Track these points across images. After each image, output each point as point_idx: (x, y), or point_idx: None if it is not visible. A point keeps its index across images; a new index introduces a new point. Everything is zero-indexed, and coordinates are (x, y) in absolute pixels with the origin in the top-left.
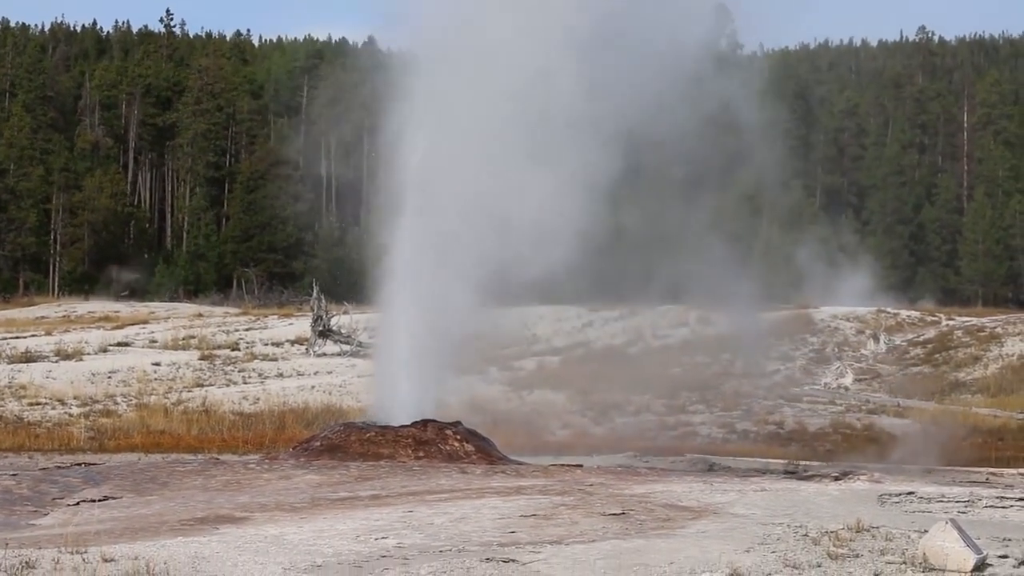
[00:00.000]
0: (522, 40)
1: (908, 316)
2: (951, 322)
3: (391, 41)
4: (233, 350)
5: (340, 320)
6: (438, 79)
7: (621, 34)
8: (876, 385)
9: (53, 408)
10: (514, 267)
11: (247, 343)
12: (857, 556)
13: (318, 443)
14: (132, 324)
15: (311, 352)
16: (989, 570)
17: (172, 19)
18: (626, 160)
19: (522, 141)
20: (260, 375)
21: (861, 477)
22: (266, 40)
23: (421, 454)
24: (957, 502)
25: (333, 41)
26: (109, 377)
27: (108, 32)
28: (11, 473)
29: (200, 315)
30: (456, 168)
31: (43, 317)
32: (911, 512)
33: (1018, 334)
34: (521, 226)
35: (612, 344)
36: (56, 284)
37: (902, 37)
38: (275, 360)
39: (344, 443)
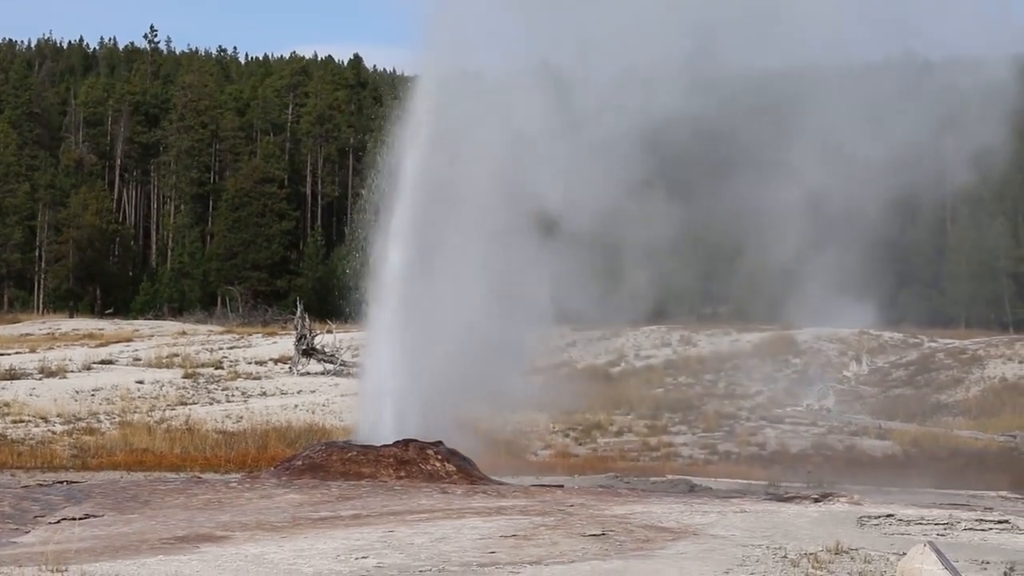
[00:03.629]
0: None
1: (891, 338)
2: (933, 344)
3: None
4: (217, 368)
5: (324, 339)
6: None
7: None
8: (858, 407)
9: (36, 426)
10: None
11: (231, 361)
12: None
13: (300, 462)
14: (116, 342)
15: (294, 371)
16: None
17: (157, 36)
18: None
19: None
20: (243, 394)
21: (841, 499)
22: (252, 57)
23: (402, 474)
24: (936, 524)
25: (319, 59)
26: (93, 395)
27: (95, 49)
28: None
29: (184, 333)
30: (448, 190)
31: (27, 334)
32: (890, 534)
33: (1000, 356)
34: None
35: (595, 364)
36: (41, 301)
37: (887, 59)
38: (258, 379)
39: (326, 462)
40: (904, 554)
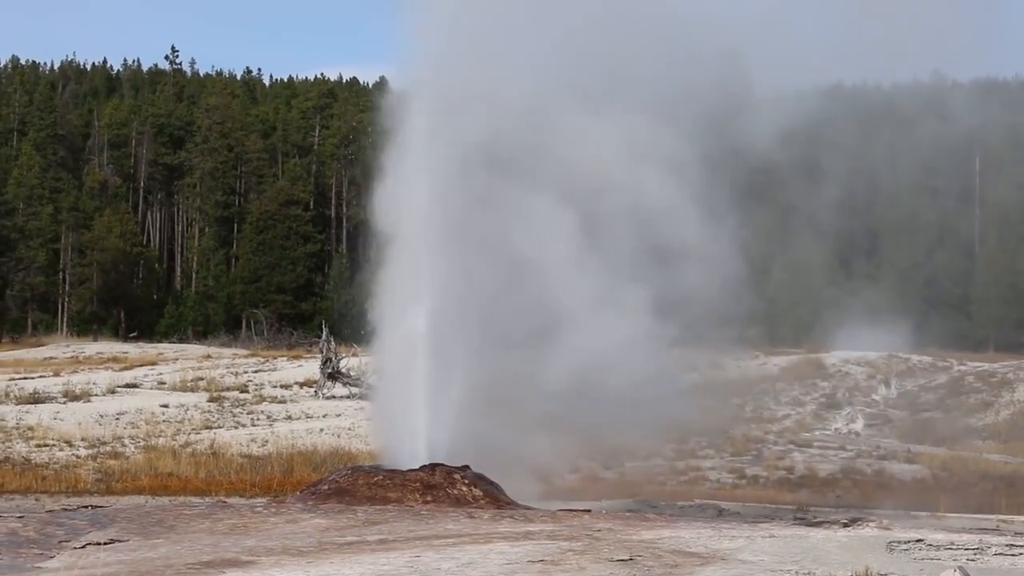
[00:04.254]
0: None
1: (919, 361)
2: (962, 367)
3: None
4: (242, 392)
5: (349, 362)
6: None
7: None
8: (887, 430)
9: (60, 450)
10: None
11: (256, 385)
12: None
13: (326, 487)
14: (140, 365)
15: (320, 394)
16: None
17: (178, 57)
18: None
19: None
20: (268, 417)
21: (870, 524)
22: (276, 79)
23: (429, 498)
24: (966, 549)
25: (344, 80)
26: (117, 419)
27: (118, 70)
28: (17, 515)
29: (209, 356)
30: (473, 212)
31: (51, 357)
32: (920, 559)
33: None
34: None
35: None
36: (65, 324)
37: (915, 79)
38: (284, 402)
39: (352, 487)
40: None
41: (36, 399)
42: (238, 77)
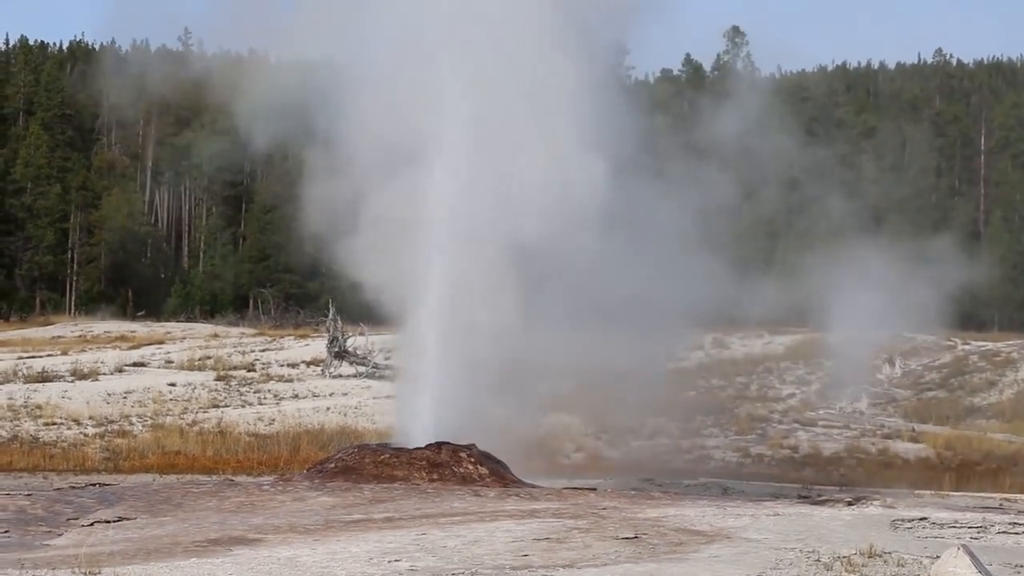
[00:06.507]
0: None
1: (924, 340)
2: (967, 347)
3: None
4: (249, 371)
5: (356, 341)
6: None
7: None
8: (891, 409)
9: (68, 428)
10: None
11: (263, 364)
12: None
13: (332, 465)
14: (148, 344)
15: (327, 373)
16: None
17: (190, 38)
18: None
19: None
20: (276, 396)
21: (874, 502)
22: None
23: (435, 476)
24: (970, 528)
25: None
26: (125, 397)
27: (126, 51)
28: (26, 493)
29: (216, 335)
30: (485, 204)
31: (59, 336)
32: (923, 538)
33: None
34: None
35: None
36: (73, 303)
37: (920, 60)
38: (291, 381)
39: (358, 465)
40: (938, 557)
41: (44, 378)
42: (245, 57)
